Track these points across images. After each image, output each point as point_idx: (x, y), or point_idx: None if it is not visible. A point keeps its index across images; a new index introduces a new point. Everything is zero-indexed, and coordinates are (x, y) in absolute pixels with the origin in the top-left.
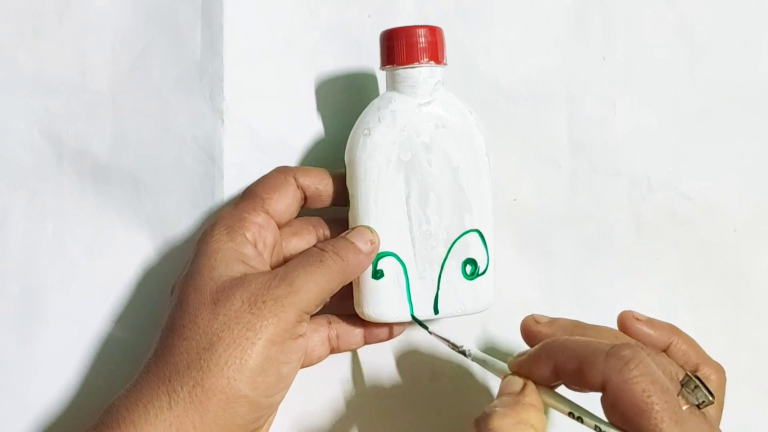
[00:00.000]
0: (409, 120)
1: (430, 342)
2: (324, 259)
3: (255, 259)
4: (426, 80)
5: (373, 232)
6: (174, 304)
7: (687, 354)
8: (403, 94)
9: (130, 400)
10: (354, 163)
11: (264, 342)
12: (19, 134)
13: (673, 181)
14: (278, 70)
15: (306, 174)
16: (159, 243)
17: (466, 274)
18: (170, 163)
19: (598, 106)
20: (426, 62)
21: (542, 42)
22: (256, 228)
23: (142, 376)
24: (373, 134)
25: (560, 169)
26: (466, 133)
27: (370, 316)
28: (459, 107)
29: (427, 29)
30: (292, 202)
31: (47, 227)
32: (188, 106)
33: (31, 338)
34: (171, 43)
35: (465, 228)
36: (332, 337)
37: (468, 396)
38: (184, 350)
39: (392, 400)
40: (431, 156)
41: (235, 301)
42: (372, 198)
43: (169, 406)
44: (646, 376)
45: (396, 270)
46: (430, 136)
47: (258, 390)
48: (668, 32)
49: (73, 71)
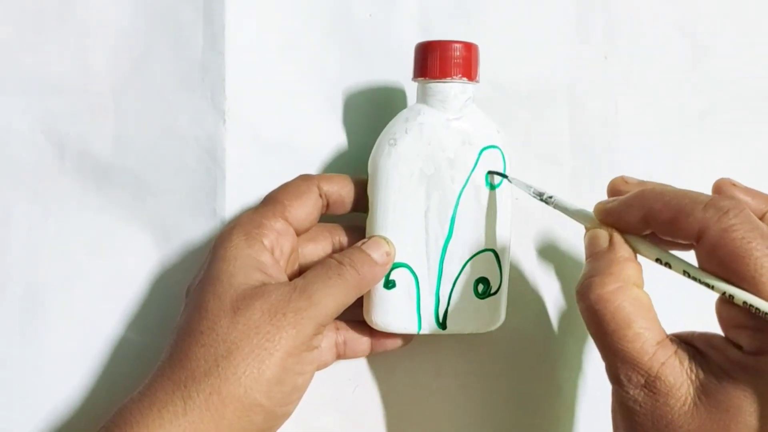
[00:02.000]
0: (436, 134)
1: (435, 339)
2: (342, 272)
3: (272, 268)
4: (457, 96)
5: (390, 243)
6: (190, 309)
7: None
8: (432, 107)
9: (144, 404)
10: (377, 171)
11: (282, 353)
12: (21, 134)
13: (674, 180)
14: (279, 70)
15: (329, 181)
16: (161, 242)
17: (477, 292)
18: (172, 162)
19: (599, 106)
20: (459, 78)
21: (544, 41)
22: (274, 235)
23: (156, 380)
24: (398, 145)
25: (562, 168)
26: (491, 152)
27: (378, 325)
28: (487, 125)
29: (463, 45)
30: (312, 210)
31: (49, 227)
32: (190, 105)
33: (33, 338)
34: (172, 43)
35: (481, 247)
36: (339, 343)
37: (473, 393)
38: (202, 357)
39: (397, 397)
40: (454, 172)
41: (255, 311)
42: (391, 208)
43: (184, 412)
44: (746, 223)
45: (408, 282)
46: (455, 152)
47: (273, 400)
48: (670, 31)
49: (75, 71)
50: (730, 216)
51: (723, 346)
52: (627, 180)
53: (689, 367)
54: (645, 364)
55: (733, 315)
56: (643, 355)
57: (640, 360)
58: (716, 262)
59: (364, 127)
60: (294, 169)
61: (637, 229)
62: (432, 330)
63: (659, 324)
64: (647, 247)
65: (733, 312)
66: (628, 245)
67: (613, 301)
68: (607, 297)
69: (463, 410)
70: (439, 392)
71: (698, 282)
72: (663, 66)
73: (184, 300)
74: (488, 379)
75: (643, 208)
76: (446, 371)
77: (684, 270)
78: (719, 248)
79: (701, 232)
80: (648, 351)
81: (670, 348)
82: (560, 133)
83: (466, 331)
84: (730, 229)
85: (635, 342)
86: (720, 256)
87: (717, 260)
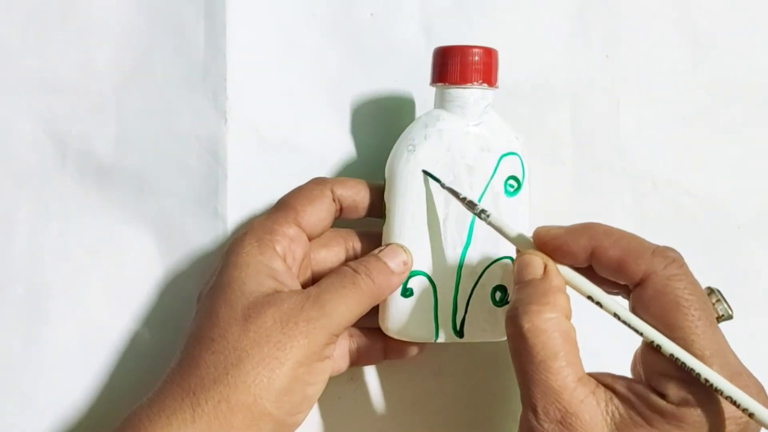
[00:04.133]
0: (455, 140)
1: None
2: (357, 282)
3: (284, 275)
4: (477, 102)
5: (407, 251)
6: (202, 315)
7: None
8: (451, 113)
9: (153, 410)
10: (395, 177)
11: (292, 363)
12: (23, 134)
13: (677, 179)
14: (281, 70)
15: (343, 185)
16: (163, 242)
17: (495, 300)
18: (174, 162)
19: (601, 104)
20: (479, 84)
21: (545, 40)
22: (286, 241)
23: (166, 386)
24: (417, 151)
25: (564, 167)
26: (510, 159)
27: (395, 333)
28: (506, 132)
29: (483, 50)
30: (326, 216)
31: (51, 227)
32: (191, 105)
33: (35, 339)
34: (174, 42)
35: (499, 255)
36: (352, 350)
37: (473, 393)
38: (212, 364)
39: (397, 396)
40: (473, 179)
41: (267, 319)
42: (410, 215)
43: (192, 420)
44: (688, 276)
45: (426, 290)
46: (474, 158)
47: (283, 409)
48: (672, 29)
49: (77, 71)
50: (676, 266)
51: (644, 392)
52: (550, 229)
53: (605, 409)
54: (564, 399)
55: (659, 363)
56: (564, 390)
57: (560, 394)
58: (655, 309)
59: (366, 126)
60: (295, 169)
61: (575, 261)
62: (449, 338)
63: (580, 360)
64: (581, 283)
65: (658, 360)
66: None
67: (545, 331)
68: (541, 327)
69: (463, 410)
70: (439, 392)
71: (627, 326)
72: (664, 65)
73: (195, 306)
74: (488, 379)
75: (591, 240)
76: (446, 371)
77: (615, 312)
78: (661, 296)
79: (646, 276)
80: (569, 386)
81: (589, 386)
82: (562, 132)
83: (483, 339)
84: (674, 278)
85: (558, 375)
86: (660, 304)
87: (656, 308)
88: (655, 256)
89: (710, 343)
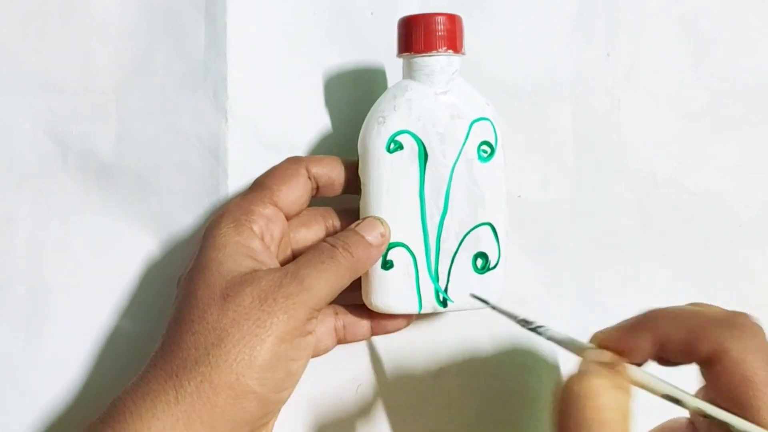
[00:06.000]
0: (425, 109)
1: (436, 338)
2: (335, 256)
3: (262, 254)
4: (443, 69)
5: (384, 224)
6: (181, 298)
7: None
8: (419, 82)
9: (137, 394)
10: (367, 151)
11: (273, 339)
12: (24, 134)
13: (678, 177)
14: (282, 68)
15: (318, 163)
16: (164, 241)
17: (476, 267)
18: (174, 162)
19: (602, 102)
20: (444, 51)
21: (546, 38)
22: (263, 221)
23: (149, 370)
24: (387, 122)
25: (565, 166)
26: (481, 125)
27: (378, 307)
28: (476, 98)
29: (446, 17)
30: (302, 193)
31: (52, 227)
32: (192, 104)
33: (37, 337)
34: (174, 42)
35: (477, 221)
36: (339, 327)
37: (474, 393)
38: (192, 345)
39: (398, 396)
40: (446, 147)
41: (245, 297)
42: (384, 188)
43: (176, 401)
44: (764, 347)
45: (406, 261)
46: (445, 126)
47: (266, 386)
48: (672, 27)
49: (77, 71)
50: (749, 335)
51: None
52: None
53: None
54: None
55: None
56: None
57: None
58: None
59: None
60: None
61: (644, 357)
62: (433, 309)
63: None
64: (655, 383)
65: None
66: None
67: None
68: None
69: (463, 410)
70: (439, 392)
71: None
72: (665, 62)
73: (175, 290)
74: (488, 379)
75: (654, 330)
76: (446, 371)
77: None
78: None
79: (718, 351)
80: None
81: None
82: (563, 130)
83: (467, 307)
84: (750, 350)
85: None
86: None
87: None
88: (724, 327)
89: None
